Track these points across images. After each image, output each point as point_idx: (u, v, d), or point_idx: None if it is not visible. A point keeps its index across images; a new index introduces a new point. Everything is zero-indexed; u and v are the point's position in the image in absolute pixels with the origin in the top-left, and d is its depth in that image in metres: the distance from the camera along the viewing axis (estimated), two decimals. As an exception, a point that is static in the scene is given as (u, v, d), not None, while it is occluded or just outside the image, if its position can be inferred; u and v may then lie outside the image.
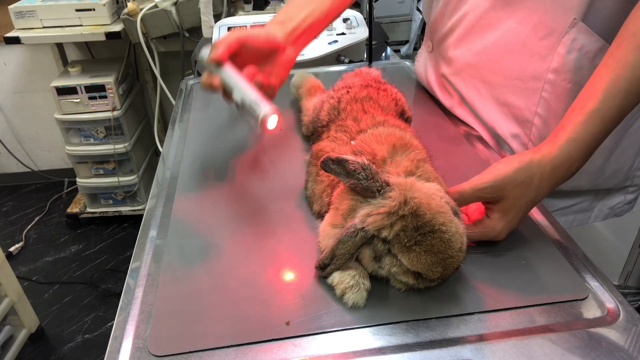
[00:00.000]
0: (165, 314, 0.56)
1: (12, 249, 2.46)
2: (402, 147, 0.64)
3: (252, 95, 0.74)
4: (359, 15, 1.46)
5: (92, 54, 2.62)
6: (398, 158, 0.62)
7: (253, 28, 0.79)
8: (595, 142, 0.63)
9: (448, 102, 0.97)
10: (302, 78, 1.01)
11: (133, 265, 0.65)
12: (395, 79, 1.09)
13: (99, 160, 2.41)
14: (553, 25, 0.74)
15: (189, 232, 0.70)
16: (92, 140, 2.35)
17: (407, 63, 1.26)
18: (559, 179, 0.64)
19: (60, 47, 2.36)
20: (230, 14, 2.02)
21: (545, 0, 0.74)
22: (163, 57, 2.25)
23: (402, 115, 0.78)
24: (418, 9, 2.53)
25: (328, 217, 0.62)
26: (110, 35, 2.08)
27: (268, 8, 2.03)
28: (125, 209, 2.55)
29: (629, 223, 1.73)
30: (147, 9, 1.99)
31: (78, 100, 2.21)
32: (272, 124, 0.74)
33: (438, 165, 0.67)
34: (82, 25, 2.13)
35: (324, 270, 0.58)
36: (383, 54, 1.47)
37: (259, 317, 0.55)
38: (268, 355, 0.51)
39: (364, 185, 0.54)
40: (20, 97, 2.75)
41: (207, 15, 1.57)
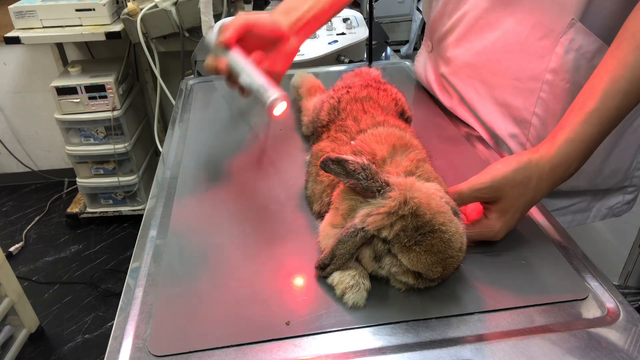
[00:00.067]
0: (165, 314, 0.56)
1: (12, 249, 2.46)
2: (402, 147, 0.64)
3: (260, 80, 0.73)
4: (359, 15, 1.46)
5: (92, 54, 2.62)
6: (398, 158, 0.62)
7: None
8: (594, 142, 0.63)
9: (448, 102, 0.97)
10: (302, 78, 1.01)
11: (133, 265, 0.65)
12: (395, 79, 1.09)
13: (99, 160, 2.41)
14: (551, 26, 0.74)
15: (189, 232, 0.70)
16: (92, 140, 2.35)
17: (407, 63, 1.26)
18: (558, 180, 0.64)
19: (60, 47, 2.36)
20: (230, 14, 2.02)
21: (544, 1, 0.74)
22: (163, 57, 2.25)
23: (402, 115, 0.78)
24: (418, 9, 2.53)
25: (328, 217, 0.62)
26: (110, 35, 2.08)
27: (268, 8, 2.03)
28: (125, 209, 2.55)
29: (629, 223, 1.73)
30: (147, 9, 1.99)
31: (78, 100, 2.21)
32: (280, 110, 0.74)
33: (438, 165, 0.67)
34: (82, 25, 2.13)
35: (324, 270, 0.58)
36: (383, 54, 1.47)
37: (259, 317, 0.55)
38: (268, 355, 0.51)
39: (364, 185, 0.54)
40: (20, 97, 2.75)
41: (207, 15, 1.57)
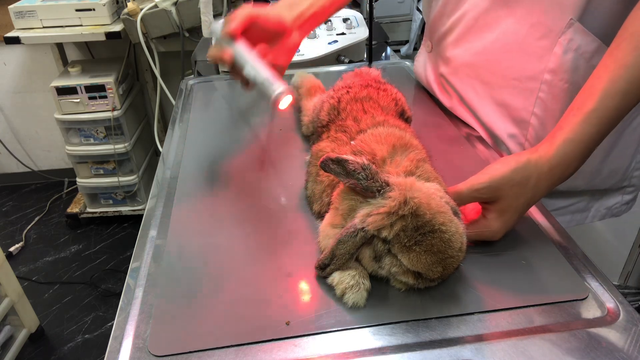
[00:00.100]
0: (165, 314, 0.56)
1: (12, 249, 2.46)
2: (401, 147, 0.64)
3: (265, 73, 0.73)
4: (359, 15, 1.46)
5: (92, 54, 2.62)
6: (398, 158, 0.62)
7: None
8: (593, 142, 0.63)
9: (447, 102, 0.97)
10: (302, 78, 1.01)
11: (133, 265, 0.65)
12: (395, 79, 1.09)
13: (99, 160, 2.41)
14: (550, 26, 0.74)
15: (189, 232, 0.70)
16: (92, 140, 2.35)
17: (407, 63, 1.26)
18: (556, 180, 0.63)
19: (60, 47, 2.36)
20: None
21: (543, 1, 0.74)
22: (163, 57, 2.25)
23: (402, 115, 0.78)
24: (418, 9, 2.52)
25: (328, 217, 0.62)
26: (110, 35, 2.08)
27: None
28: (125, 209, 2.55)
29: (629, 223, 1.73)
30: (147, 9, 1.99)
31: (78, 100, 2.21)
32: (285, 103, 0.74)
33: (438, 166, 0.67)
34: (82, 25, 2.13)
35: (324, 270, 0.58)
36: (383, 54, 1.47)
37: (259, 317, 0.55)
38: (268, 355, 0.51)
39: (364, 185, 0.54)
40: (20, 97, 2.75)
41: (207, 15, 1.57)
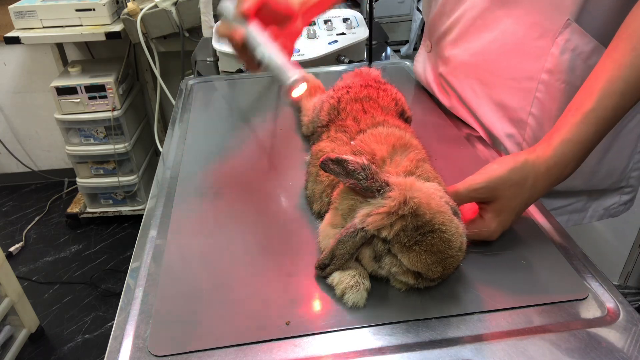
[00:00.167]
0: (165, 314, 0.56)
1: (12, 249, 2.46)
2: (401, 147, 0.64)
3: (280, 58, 0.71)
4: (359, 15, 1.45)
5: (92, 54, 2.62)
6: (398, 158, 0.62)
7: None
8: (591, 143, 0.63)
9: (447, 101, 0.97)
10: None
11: (133, 265, 0.65)
12: (395, 79, 1.09)
13: (99, 160, 2.41)
14: (547, 26, 0.74)
15: (189, 232, 0.70)
16: (92, 140, 2.35)
17: (407, 63, 1.26)
18: (554, 180, 0.63)
19: (60, 47, 2.36)
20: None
21: (541, 1, 0.74)
22: (163, 57, 2.25)
23: (402, 115, 0.78)
24: (418, 9, 2.52)
25: (328, 217, 0.62)
26: (110, 35, 2.08)
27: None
28: (125, 209, 2.55)
29: (629, 223, 1.73)
30: (147, 9, 1.99)
31: (78, 100, 2.21)
32: (300, 92, 0.72)
33: (438, 166, 0.67)
34: (82, 25, 2.13)
35: (324, 270, 0.58)
36: (383, 54, 1.47)
37: (259, 317, 0.55)
38: (268, 355, 0.51)
39: (364, 185, 0.54)
40: (20, 97, 2.75)
41: (207, 15, 1.57)
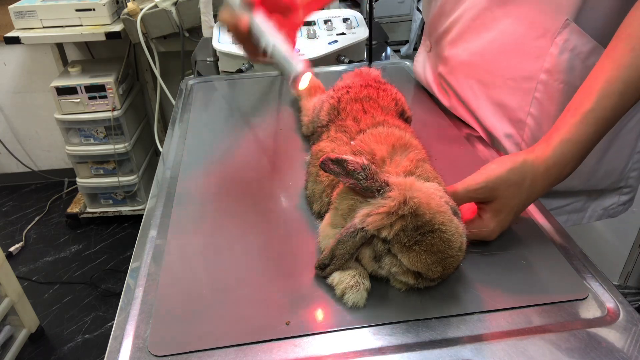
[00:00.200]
0: (165, 314, 0.56)
1: (12, 249, 2.46)
2: (401, 147, 0.64)
3: (285, 49, 0.70)
4: (359, 15, 1.45)
5: (92, 54, 2.62)
6: (397, 158, 0.62)
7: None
8: (590, 143, 0.63)
9: (447, 101, 0.97)
10: (302, 78, 1.01)
11: (133, 265, 0.65)
12: (395, 79, 1.09)
13: (99, 160, 2.41)
14: (546, 26, 0.74)
15: (189, 232, 0.69)
16: (92, 140, 2.35)
17: (407, 63, 1.26)
18: (553, 180, 0.63)
19: (60, 47, 2.36)
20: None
21: (539, 1, 0.74)
22: (163, 57, 2.25)
23: (402, 115, 0.78)
24: (418, 9, 2.53)
25: (328, 217, 0.62)
26: (110, 35, 2.08)
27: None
28: (125, 209, 2.55)
29: (629, 223, 1.73)
30: (147, 9, 1.99)
31: (78, 100, 2.21)
32: (305, 83, 0.71)
33: (438, 166, 0.67)
34: (82, 25, 2.13)
35: (324, 271, 0.58)
36: (383, 54, 1.47)
37: (259, 317, 0.55)
38: (268, 355, 0.51)
39: (364, 185, 0.54)
40: (20, 97, 2.75)
41: (207, 15, 1.57)
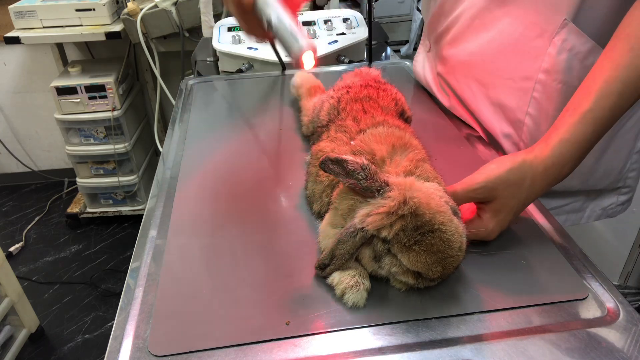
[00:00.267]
0: (165, 314, 0.56)
1: (12, 249, 2.46)
2: (401, 147, 0.64)
3: (291, 26, 0.68)
4: (359, 15, 1.45)
5: (92, 54, 2.62)
6: (397, 158, 0.62)
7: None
8: (589, 143, 0.63)
9: (446, 101, 0.97)
10: (302, 78, 1.01)
11: (133, 265, 0.65)
12: (395, 79, 1.09)
13: (99, 160, 2.41)
14: (544, 26, 0.74)
15: (189, 232, 0.70)
16: (92, 140, 2.35)
17: (407, 63, 1.26)
18: (552, 180, 0.63)
19: (60, 47, 2.36)
20: (230, 14, 2.02)
21: (538, 1, 0.74)
22: (163, 57, 2.25)
23: (402, 115, 0.78)
24: (418, 9, 2.53)
25: (328, 217, 0.62)
26: (110, 35, 2.08)
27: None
28: (125, 209, 2.55)
29: (629, 223, 1.73)
30: (147, 9, 1.99)
31: (78, 100, 2.21)
32: (309, 62, 0.70)
33: (438, 166, 0.67)
34: (82, 25, 2.13)
35: (324, 271, 0.58)
36: (383, 54, 1.47)
37: (259, 317, 0.55)
38: (268, 355, 0.51)
39: (363, 186, 0.54)
40: (20, 97, 2.75)
41: (207, 15, 1.57)
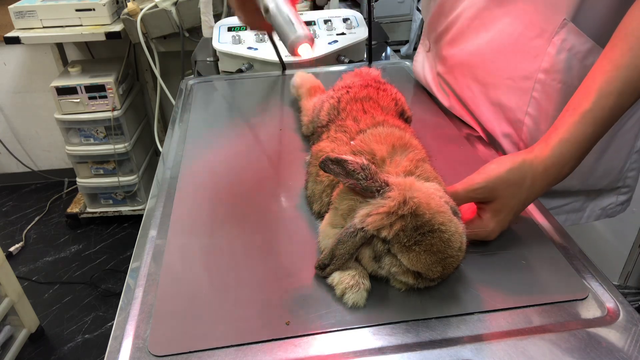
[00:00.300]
0: (165, 314, 0.56)
1: (12, 249, 2.46)
2: (401, 147, 0.64)
3: (290, 14, 0.66)
4: (359, 15, 1.45)
5: (92, 54, 2.62)
6: (397, 158, 0.62)
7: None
8: (589, 143, 0.63)
9: (446, 101, 0.97)
10: (302, 78, 1.01)
11: (133, 265, 0.65)
12: (395, 79, 1.09)
13: (99, 160, 2.41)
14: (544, 26, 0.74)
15: (189, 232, 0.70)
16: (92, 140, 2.35)
17: (407, 63, 1.26)
18: (552, 180, 0.63)
19: (60, 47, 2.36)
20: (230, 14, 2.02)
21: (537, 0, 0.74)
22: (163, 57, 2.25)
23: (402, 115, 0.78)
24: (418, 9, 2.53)
25: (328, 217, 0.62)
26: (110, 35, 2.08)
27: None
28: (125, 209, 2.55)
29: (629, 223, 1.73)
30: (147, 9, 1.99)
31: (78, 100, 2.21)
32: (305, 52, 0.67)
33: (438, 166, 0.67)
34: (82, 25, 2.13)
35: (324, 271, 0.58)
36: (383, 54, 1.47)
37: (259, 317, 0.55)
38: (268, 355, 0.51)
39: (363, 186, 0.54)
40: (20, 97, 2.75)
41: (207, 15, 1.57)
